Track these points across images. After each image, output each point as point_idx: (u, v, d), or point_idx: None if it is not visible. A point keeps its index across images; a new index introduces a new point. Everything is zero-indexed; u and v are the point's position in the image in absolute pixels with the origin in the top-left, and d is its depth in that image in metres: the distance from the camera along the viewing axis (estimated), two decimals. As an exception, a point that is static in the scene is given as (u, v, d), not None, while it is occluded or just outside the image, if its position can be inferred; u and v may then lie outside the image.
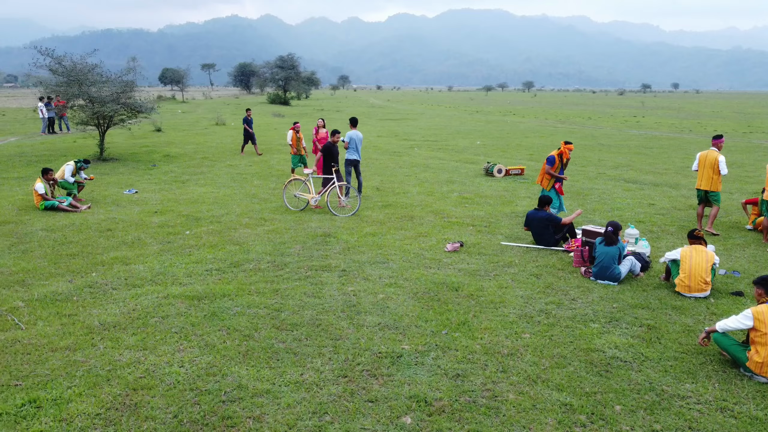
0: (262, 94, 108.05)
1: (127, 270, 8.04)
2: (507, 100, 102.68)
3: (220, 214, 11.55)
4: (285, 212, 11.80)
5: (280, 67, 69.03)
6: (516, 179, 16.28)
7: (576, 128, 37.01)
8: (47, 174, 11.78)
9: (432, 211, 12.09)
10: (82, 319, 6.37)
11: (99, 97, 16.86)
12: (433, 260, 8.72)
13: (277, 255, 8.85)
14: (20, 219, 10.82)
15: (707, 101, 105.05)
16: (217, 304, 6.80)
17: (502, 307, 6.86)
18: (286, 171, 17.21)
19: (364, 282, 7.68)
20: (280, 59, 70.24)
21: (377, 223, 10.95)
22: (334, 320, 6.41)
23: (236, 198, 13.21)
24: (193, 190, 14.02)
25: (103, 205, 12.20)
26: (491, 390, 5.01)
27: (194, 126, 32.41)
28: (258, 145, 22.53)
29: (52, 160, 18.08)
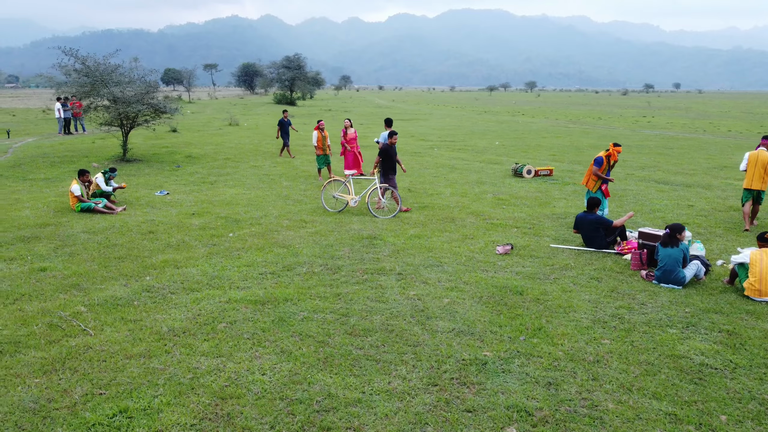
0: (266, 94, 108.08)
1: (180, 273, 7.90)
2: (513, 100, 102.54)
3: (259, 216, 11.41)
4: (323, 214, 11.66)
5: (287, 68, 68.87)
6: (546, 180, 16.13)
7: (589, 128, 36.85)
8: (83, 176, 11.64)
9: (471, 212, 11.95)
10: (148, 324, 6.23)
11: (123, 97, 16.71)
12: (487, 263, 8.58)
13: (328, 258, 8.71)
14: (59, 221, 10.68)
15: (712, 101, 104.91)
16: (281, 309, 6.66)
17: (572, 312, 6.72)
18: (311, 172, 17.07)
19: (424, 286, 7.54)
20: (287, 59, 70.07)
21: (419, 225, 10.81)
22: (406, 326, 6.27)
23: (269, 199, 13.07)
24: (224, 192, 13.88)
25: (138, 207, 12.06)
26: (588, 399, 4.87)
27: (207, 126, 32.27)
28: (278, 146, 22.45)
29: (74, 161, 17.96)
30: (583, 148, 24.72)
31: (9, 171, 15.98)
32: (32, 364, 5.33)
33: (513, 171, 16.90)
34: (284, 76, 68.12)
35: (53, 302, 6.80)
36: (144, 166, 17.48)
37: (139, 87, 17.46)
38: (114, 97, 16.72)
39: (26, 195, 13.06)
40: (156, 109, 17.56)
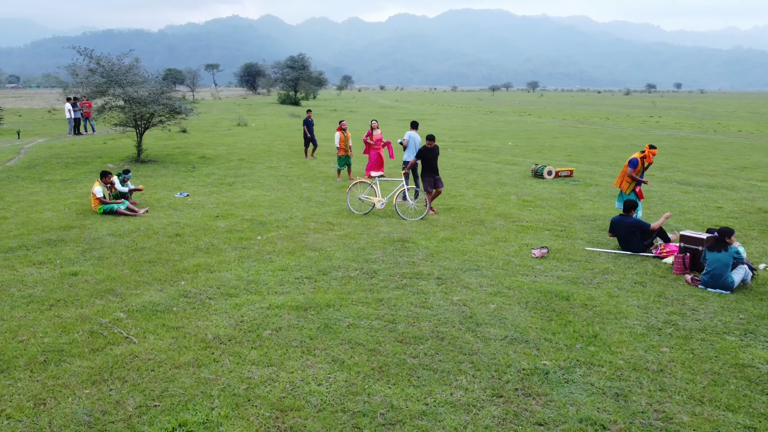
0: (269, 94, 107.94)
1: (214, 278, 7.72)
2: (516, 100, 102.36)
3: (284, 218, 11.23)
4: (349, 216, 11.48)
5: (291, 67, 68.75)
6: (567, 181, 15.95)
7: (598, 129, 36.67)
8: (105, 177, 11.46)
9: (498, 214, 11.77)
10: (191, 331, 6.05)
11: (139, 97, 16.54)
12: (525, 267, 8.40)
13: (362, 262, 8.54)
14: (82, 224, 10.51)
15: (716, 101, 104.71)
16: (325, 315, 6.49)
17: (623, 318, 6.54)
18: (329, 173, 16.89)
19: (466, 291, 7.36)
20: (291, 59, 69.98)
21: (449, 228, 10.63)
22: (457, 333, 6.09)
23: (291, 201, 12.89)
24: (244, 193, 13.70)
25: (159, 209, 11.88)
26: (661, 411, 4.69)
27: (216, 127, 32.10)
28: (291, 147, 22.30)
29: (88, 162, 17.79)
30: (597, 148, 24.53)
31: (25, 172, 15.81)
32: (79, 373, 5.15)
33: (533, 172, 16.72)
34: (288, 76, 67.94)
35: (90, 308, 6.62)
36: (159, 167, 17.30)
37: (153, 87, 17.28)
38: (129, 98, 16.54)
39: (45, 197, 12.88)
40: (171, 110, 17.38)
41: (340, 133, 15.37)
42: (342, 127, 15.43)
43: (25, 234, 9.72)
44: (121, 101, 17.05)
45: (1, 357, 5.42)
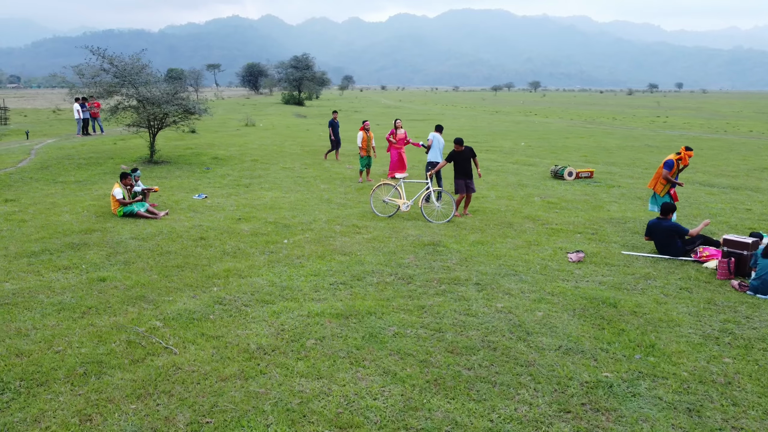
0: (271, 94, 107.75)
1: (247, 284, 7.49)
2: (520, 100, 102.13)
3: (307, 221, 10.99)
4: (374, 219, 11.25)
5: (295, 68, 68.45)
6: (588, 182, 15.71)
7: (608, 129, 36.44)
8: (125, 179, 11.23)
9: (525, 217, 11.53)
10: (232, 341, 5.82)
11: (153, 97, 16.30)
12: (564, 272, 8.16)
13: (395, 266, 8.30)
14: (103, 227, 10.27)
15: (719, 101, 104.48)
16: (368, 324, 6.26)
17: (676, 327, 6.30)
18: (346, 174, 16.66)
19: (508, 297, 7.13)
20: (295, 59, 69.67)
21: (477, 231, 10.39)
22: (508, 342, 5.86)
23: (312, 203, 12.65)
24: (263, 195, 13.47)
25: (179, 212, 11.65)
26: (740, 429, 4.46)
27: (224, 127, 31.86)
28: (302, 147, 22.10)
29: (101, 163, 17.55)
30: (611, 149, 24.30)
31: (38, 173, 15.57)
32: (122, 387, 4.92)
33: (553, 173, 16.48)
34: (292, 76, 67.68)
35: (124, 316, 6.39)
36: (173, 168, 17.06)
37: (167, 87, 17.04)
38: (143, 98, 16.30)
39: (61, 198, 12.65)
40: (185, 110, 17.15)
41: (363, 133, 15.15)
42: (365, 127, 15.20)
43: (47, 237, 9.48)
44: (135, 101, 16.81)
45: (40, 369, 5.19)
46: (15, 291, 7.08)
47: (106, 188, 13.83)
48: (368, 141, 15.17)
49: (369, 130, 15.27)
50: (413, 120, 43.16)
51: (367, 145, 15.16)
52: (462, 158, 11.29)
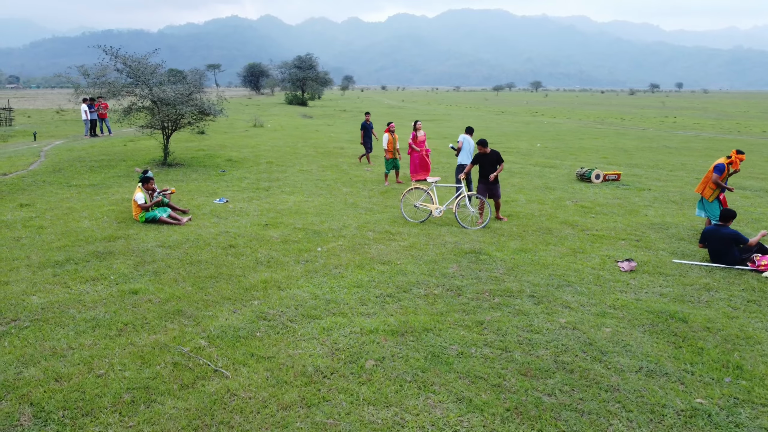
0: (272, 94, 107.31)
1: (288, 297, 7.05)
2: (524, 100, 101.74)
3: (337, 227, 10.55)
4: (406, 224, 10.81)
5: (298, 68, 68.03)
6: (617, 185, 15.28)
7: (619, 129, 36.03)
8: (147, 183, 10.79)
9: (562, 222, 11.10)
10: (285, 362, 5.38)
11: (168, 98, 15.86)
12: (619, 282, 7.74)
13: (440, 277, 7.87)
14: (126, 233, 9.83)
15: (724, 101, 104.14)
16: (427, 342, 5.83)
17: (757, 345, 5.88)
18: (366, 177, 16.23)
19: (569, 311, 6.70)
20: (299, 59, 69.27)
21: (517, 237, 9.96)
22: (583, 363, 5.43)
23: (338, 208, 12.22)
24: (285, 199, 13.03)
25: (203, 217, 11.20)
26: None
27: (232, 128, 31.40)
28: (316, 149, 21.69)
29: (113, 165, 17.11)
30: (629, 150, 23.88)
31: (51, 177, 15.12)
32: (176, 417, 4.49)
33: (579, 175, 16.05)
34: (296, 76, 67.25)
35: (164, 334, 5.96)
36: (188, 171, 16.61)
37: (182, 87, 16.59)
38: (158, 99, 15.86)
39: (78, 203, 12.20)
40: (201, 111, 16.71)
41: (389, 134, 14.72)
42: (390, 129, 14.76)
43: (69, 245, 9.04)
44: (149, 102, 16.37)
45: (83, 396, 4.75)
46: (44, 305, 6.65)
47: (123, 192, 13.40)
48: (394, 143, 14.74)
49: (394, 131, 14.83)
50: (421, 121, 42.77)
51: (392, 147, 14.73)
52: (487, 161, 10.85)
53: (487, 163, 10.90)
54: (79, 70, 23.25)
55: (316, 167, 17.86)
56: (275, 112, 47.73)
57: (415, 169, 15.35)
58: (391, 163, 14.86)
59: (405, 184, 15.05)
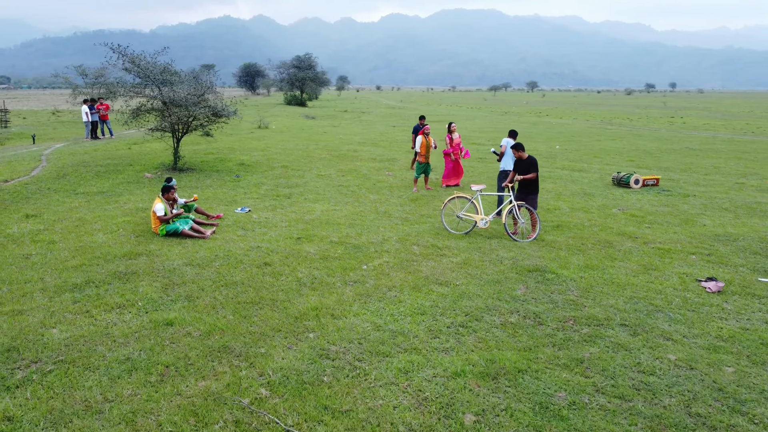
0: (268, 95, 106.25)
1: (346, 327, 6.15)
2: (524, 100, 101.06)
3: (377, 240, 9.65)
4: (452, 237, 9.92)
5: (297, 68, 67.01)
6: (658, 191, 14.44)
7: (632, 130, 35.26)
8: (168, 193, 9.85)
9: (619, 233, 10.24)
10: (368, 418, 4.49)
11: (180, 99, 14.90)
12: (713, 306, 6.87)
13: (511, 301, 6.99)
14: (147, 249, 8.88)
15: (723, 101, 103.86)
16: (527, 388, 4.94)
17: None
18: (389, 182, 15.32)
19: (673, 345, 5.83)
20: (297, 59, 68.25)
21: (576, 251, 9.09)
22: (722, 416, 4.56)
23: (370, 218, 11.31)
24: (311, 208, 12.11)
25: (227, 229, 10.27)
26: None
27: (237, 130, 30.40)
28: (330, 152, 20.79)
29: (120, 171, 16.13)
30: (654, 152, 23.08)
31: (56, 183, 14.12)
32: (253, 501, 3.57)
33: (615, 180, 15.22)
34: (296, 76, 66.22)
35: (215, 379, 5.04)
36: (201, 176, 15.66)
37: (193, 88, 15.63)
38: (170, 100, 14.89)
39: (89, 213, 11.23)
40: (214, 113, 15.76)
41: (423, 137, 13.81)
42: (425, 131, 13.83)
43: (86, 264, 8.10)
44: (159, 103, 15.41)
45: (133, 472, 3.83)
46: (67, 341, 5.71)
47: (136, 201, 12.44)
48: (428, 147, 13.86)
49: (429, 134, 13.92)
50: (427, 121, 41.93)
51: (426, 151, 13.84)
52: (522, 168, 9.98)
53: (523, 170, 10.03)
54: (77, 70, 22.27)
55: (335, 172, 16.94)
56: (276, 113, 46.73)
57: (448, 175, 14.49)
58: (422, 168, 13.97)
59: (434, 191, 14.17)
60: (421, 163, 13.89)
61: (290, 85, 68.20)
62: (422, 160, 13.85)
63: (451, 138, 14.30)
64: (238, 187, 14.33)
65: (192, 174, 15.88)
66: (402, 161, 19.40)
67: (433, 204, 12.68)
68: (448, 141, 14.33)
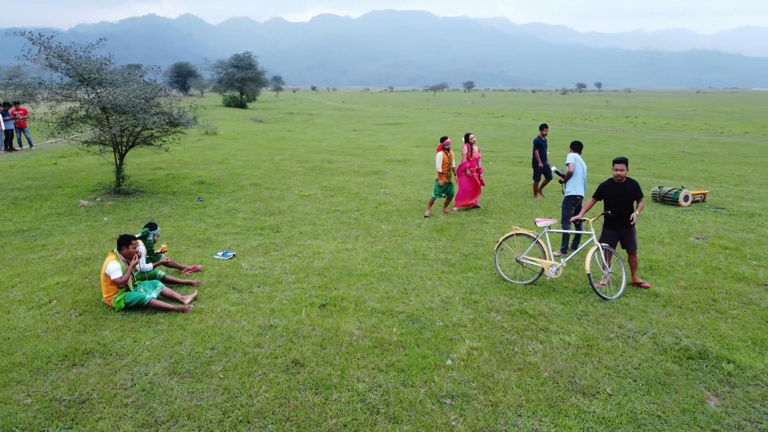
0: (202, 96, 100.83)
1: None
2: (468, 101, 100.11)
3: (436, 304, 6.84)
4: (527, 293, 7.23)
5: (237, 67, 62.78)
6: (715, 210, 12.27)
7: (603, 132, 33.81)
8: (127, 246, 6.67)
9: (734, 277, 7.83)
10: None
11: (125, 104, 11.52)
12: None
13: (712, 426, 4.35)
14: (100, 341, 5.72)
15: (663, 100, 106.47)
16: None
17: None
18: (392, 203, 12.52)
19: None
20: (236, 58, 63.95)
21: (715, 314, 6.59)
22: None
23: (401, 262, 8.47)
24: (315, 248, 9.14)
25: (213, 292, 7.17)
26: None
27: (182, 137, 26.65)
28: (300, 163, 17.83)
29: (47, 196, 12.56)
30: (654, 157, 21.26)
31: (-45, 219, 10.50)
32: None
33: (658, 196, 13.02)
34: (235, 76, 62.00)
35: None
36: (153, 201, 12.33)
37: (141, 90, 12.26)
38: (110, 104, 11.49)
39: (4, 271, 7.85)
40: (170, 121, 12.47)
41: (443, 153, 11.10)
42: (445, 147, 11.12)
43: (1, 383, 4.89)
44: (97, 109, 11.99)
45: None
46: None
47: (70, 244, 9.10)
48: (450, 163, 11.17)
49: (450, 149, 11.22)
50: (384, 125, 39.26)
51: (448, 169, 11.15)
52: (619, 194, 7.43)
53: (617, 198, 7.45)
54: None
55: (319, 190, 13.94)
56: (219, 116, 42.74)
57: (464, 195, 11.85)
58: (442, 189, 11.28)
59: (456, 216, 11.47)
60: (443, 183, 11.17)
61: (228, 85, 63.88)
62: (443, 180, 11.14)
63: (471, 150, 11.68)
64: (205, 217, 11.14)
65: (142, 199, 12.51)
66: (390, 174, 16.60)
67: (467, 235, 9.97)
68: (467, 153, 11.69)
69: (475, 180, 11.82)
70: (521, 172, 17.53)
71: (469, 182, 11.81)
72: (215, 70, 66.00)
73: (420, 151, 22.82)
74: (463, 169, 11.85)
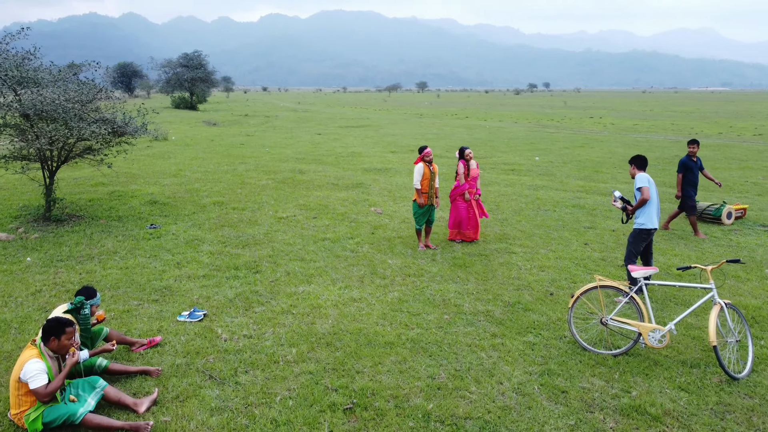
0: (148, 97, 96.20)
1: None
2: (425, 101, 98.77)
3: (489, 392, 4.78)
4: (594, 363, 5.25)
5: (186, 66, 59.34)
6: (763, 228, 10.66)
7: (578, 133, 32.58)
8: (61, 336, 4.32)
9: None
10: None
11: (54, 109, 9.00)
12: None
13: None
14: None
15: (614, 100, 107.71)
16: None
17: None
18: (388, 227, 10.41)
19: None
20: (185, 58, 60.50)
21: None
22: None
23: (429, 317, 6.39)
24: (311, 299, 6.94)
25: (179, 386, 4.90)
26: None
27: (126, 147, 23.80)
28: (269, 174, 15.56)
29: (-48, 226, 9.86)
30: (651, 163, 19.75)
31: None
32: None
33: (695, 213, 11.30)
34: (184, 76, 58.54)
35: None
36: (95, 231, 9.82)
37: (75, 91, 9.73)
38: (34, 110, 8.95)
39: None
40: (113, 130, 10.00)
41: (424, 166, 8.89)
42: (425, 158, 8.91)
43: None
44: (17, 116, 9.42)
45: None
46: None
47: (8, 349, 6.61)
48: (431, 179, 8.98)
49: (432, 162, 9.02)
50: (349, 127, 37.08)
51: (429, 187, 8.98)
52: None
53: None
54: None
55: (298, 210, 11.70)
56: (169, 119, 39.55)
57: (457, 224, 9.52)
58: (425, 212, 9.10)
59: (443, 248, 9.31)
60: (423, 205, 9.00)
61: (177, 86, 60.32)
62: (423, 201, 8.97)
63: (468, 168, 9.43)
64: (161, 251, 8.76)
65: (79, 228, 9.97)
66: (374, 187, 14.49)
67: (497, 272, 7.95)
68: (463, 172, 9.42)
69: (473, 207, 9.51)
70: (519, 182, 15.67)
71: (467, 210, 9.53)
72: (163, 69, 62.30)
73: (397, 158, 20.75)
74: (460, 192, 9.56)
